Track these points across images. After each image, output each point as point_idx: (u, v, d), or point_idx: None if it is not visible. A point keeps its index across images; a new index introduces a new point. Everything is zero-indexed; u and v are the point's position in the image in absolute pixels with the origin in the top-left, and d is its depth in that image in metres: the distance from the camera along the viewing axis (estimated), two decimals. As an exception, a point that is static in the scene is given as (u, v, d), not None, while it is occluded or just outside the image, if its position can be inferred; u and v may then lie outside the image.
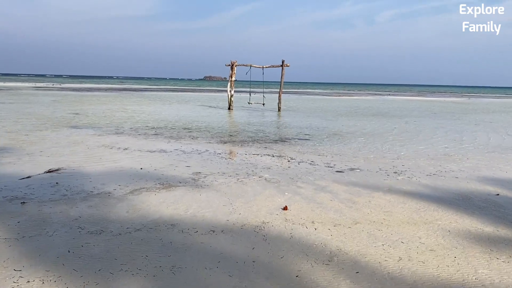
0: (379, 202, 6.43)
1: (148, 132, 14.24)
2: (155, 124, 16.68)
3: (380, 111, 28.13)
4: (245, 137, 13.80)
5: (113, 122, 17.14)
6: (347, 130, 16.32)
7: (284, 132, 15.43)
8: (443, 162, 10.02)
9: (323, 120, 20.39)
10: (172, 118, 19.61)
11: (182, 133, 14.38)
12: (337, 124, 18.60)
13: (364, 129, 16.84)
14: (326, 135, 14.81)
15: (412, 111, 28.81)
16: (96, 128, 14.87)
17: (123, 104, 28.62)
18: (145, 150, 10.61)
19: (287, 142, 12.85)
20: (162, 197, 6.39)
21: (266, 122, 19.05)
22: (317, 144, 12.61)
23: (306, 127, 17.27)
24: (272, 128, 16.71)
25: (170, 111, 23.53)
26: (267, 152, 10.88)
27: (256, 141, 12.89)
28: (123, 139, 12.55)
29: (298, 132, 15.41)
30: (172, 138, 12.98)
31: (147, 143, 11.90)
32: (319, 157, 10.28)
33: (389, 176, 8.29)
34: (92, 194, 6.48)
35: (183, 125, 16.66)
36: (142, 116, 19.91)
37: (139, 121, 17.64)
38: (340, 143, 12.81)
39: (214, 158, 9.86)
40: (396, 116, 23.99)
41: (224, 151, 11.02)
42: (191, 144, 11.88)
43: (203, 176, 7.92)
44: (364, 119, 21.86)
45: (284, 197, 6.55)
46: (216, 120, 19.58)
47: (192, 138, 13.11)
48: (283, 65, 25.80)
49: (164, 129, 15.34)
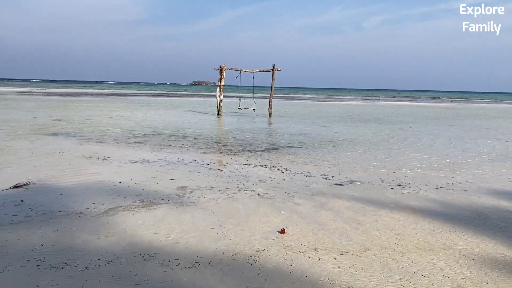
0: (387, 221, 5.70)
1: (132, 140, 13.38)
2: (140, 131, 15.82)
3: (373, 117, 27.58)
4: (235, 145, 13.03)
5: (96, 129, 16.24)
6: (341, 137, 15.65)
7: (276, 140, 14.69)
8: (448, 172, 9.36)
9: (316, 126, 19.71)
10: (159, 124, 18.76)
11: (168, 141, 13.55)
12: (330, 131, 17.93)
13: (359, 136, 16.18)
14: (320, 142, 14.11)
15: (405, 117, 28.32)
16: (77, 136, 13.97)
17: (109, 110, 27.66)
18: (127, 161, 9.77)
19: (280, 151, 12.10)
20: (141, 218, 5.58)
21: (257, 129, 18.30)
22: (311, 152, 11.89)
23: (299, 133, 16.56)
24: (263, 135, 15.97)
25: (157, 117, 22.66)
26: (259, 162, 10.11)
27: (246, 150, 12.13)
28: (105, 148, 11.68)
29: (291, 140, 14.68)
30: (157, 147, 12.15)
31: (130, 152, 11.06)
32: (315, 168, 9.55)
33: (393, 190, 7.58)
34: (60, 215, 5.64)
35: (169, 132, 15.83)
36: (127, 123, 19.02)
37: (124, 128, 16.76)
38: (335, 152, 12.11)
39: (201, 169, 9.06)
40: (390, 122, 23.43)
41: (213, 161, 10.23)
42: (177, 153, 11.06)
43: (189, 191, 7.13)
44: (358, 125, 21.24)
45: (281, 217, 5.79)
46: (204, 126, 18.78)
47: (178, 147, 12.30)
48: (274, 69, 25.12)
49: (149, 136, 14.50)
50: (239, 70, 25.49)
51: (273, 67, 25.11)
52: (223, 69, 25.22)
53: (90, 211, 5.84)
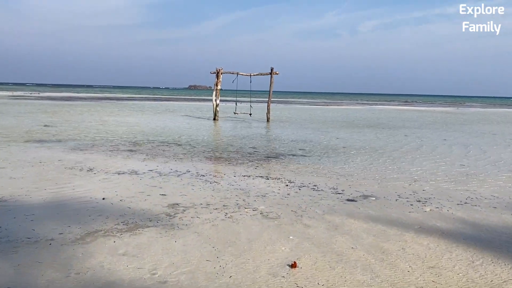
0: (416, 249, 4.81)
1: (122, 148, 12.45)
2: (132, 138, 14.89)
3: (374, 122, 26.78)
4: (233, 153, 12.13)
5: (85, 135, 15.29)
6: (345, 144, 14.78)
7: (276, 147, 13.80)
8: (468, 185, 8.50)
9: (317, 132, 18.84)
10: (152, 130, 17.84)
11: (161, 148, 12.63)
12: (332, 137, 17.07)
13: (364, 143, 15.32)
14: (323, 150, 13.23)
15: (408, 122, 27.53)
16: (63, 144, 13.02)
17: (101, 114, 26.70)
18: (114, 172, 8.83)
19: (281, 159, 11.21)
20: (123, 247, 4.67)
21: (255, 135, 17.41)
22: (315, 161, 11.00)
23: (300, 140, 15.68)
24: (262, 142, 15.08)
25: (151, 123, 21.73)
26: (260, 173, 9.21)
27: (245, 158, 11.23)
28: (91, 157, 10.75)
29: (292, 147, 13.80)
30: (149, 155, 11.22)
31: (118, 162, 10.13)
32: (321, 180, 8.66)
33: (413, 207, 6.70)
34: (27, 243, 4.72)
35: (163, 139, 14.91)
36: (119, 129, 18.08)
37: (115, 135, 15.82)
38: (341, 161, 11.23)
39: (196, 182, 8.14)
40: (393, 128, 22.61)
41: (209, 171, 9.31)
42: (170, 163, 10.15)
43: (182, 209, 6.21)
44: (360, 130, 20.39)
45: (289, 244, 4.89)
46: (200, 132, 17.86)
47: (171, 155, 11.38)
48: (272, 72, 24.28)
49: (141, 143, 13.57)
50: (236, 74, 24.64)
51: (272, 71, 24.28)
52: (220, 73, 24.35)
53: (64, 237, 4.92)
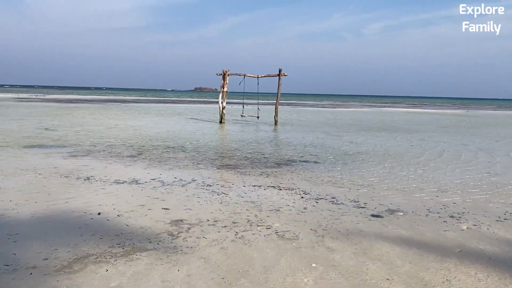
0: (464, 282, 4.04)
1: (125, 153, 11.76)
2: (134, 142, 14.21)
3: (387, 125, 25.94)
4: (241, 159, 11.39)
5: (86, 140, 14.64)
6: (359, 149, 13.99)
7: (286, 152, 13.05)
8: (503, 197, 7.70)
9: (328, 136, 18.07)
10: (157, 134, 17.16)
11: (165, 154, 11.93)
12: (345, 141, 16.29)
13: (379, 148, 14.53)
14: (337, 155, 12.47)
15: (421, 125, 26.66)
16: (62, 148, 12.36)
17: (105, 117, 26.09)
18: (113, 181, 8.12)
19: (294, 166, 10.46)
20: (117, 277, 3.94)
21: (263, 139, 16.67)
22: (330, 168, 10.24)
23: (310, 144, 14.92)
24: (271, 147, 14.33)
25: (155, 126, 21.06)
26: (271, 182, 8.47)
27: (254, 165, 10.50)
28: (90, 163, 10.06)
29: (303, 152, 13.04)
30: (152, 162, 10.52)
31: (119, 169, 9.43)
32: (340, 191, 7.90)
33: (447, 224, 5.92)
34: (5, 272, 4.00)
35: (167, 144, 14.21)
36: (122, 132, 17.42)
37: (117, 138, 15.15)
38: (358, 168, 10.46)
39: (202, 193, 7.41)
40: (408, 131, 21.76)
41: (216, 180, 8.58)
42: (174, 171, 9.43)
43: (186, 227, 5.48)
44: (373, 134, 19.58)
45: (313, 274, 4.14)
46: (206, 136, 17.15)
47: (176, 161, 10.66)
48: (280, 74, 23.54)
49: (144, 148, 12.88)
50: (243, 75, 23.93)
51: (280, 72, 23.54)
52: (226, 74, 23.65)
53: (48, 265, 4.20)
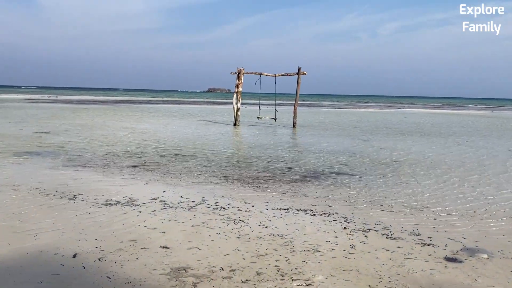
0: None
1: (125, 163, 10.21)
2: (140, 149, 12.66)
3: (415, 128, 24.00)
4: (260, 170, 9.73)
5: (85, 145, 13.15)
6: (395, 157, 12.20)
7: (311, 161, 11.34)
8: None
9: (355, 141, 16.29)
10: (165, 138, 15.61)
11: (172, 163, 10.34)
12: (376, 147, 14.50)
13: (416, 155, 12.72)
14: (372, 165, 10.72)
15: (452, 128, 24.63)
16: (56, 156, 10.87)
17: (113, 119, 24.70)
18: (103, 202, 6.53)
19: (323, 180, 8.76)
20: None
21: (283, 144, 14.99)
22: (369, 183, 8.51)
23: (338, 151, 13.18)
24: (293, 154, 12.63)
25: (165, 129, 19.54)
26: (301, 204, 6.78)
27: (277, 178, 8.83)
28: (83, 175, 8.51)
29: (331, 161, 11.33)
30: (156, 174, 8.92)
31: (114, 184, 7.84)
32: (390, 216, 6.17)
33: (562, 277, 4.16)
34: None
35: (176, 150, 12.63)
36: (128, 136, 15.92)
37: (121, 144, 13.63)
38: (402, 182, 8.70)
39: (214, 220, 5.76)
40: (440, 135, 19.82)
41: (231, 201, 6.91)
42: (181, 186, 7.81)
43: (191, 282, 3.83)
44: (403, 139, 17.73)
45: None
46: (219, 141, 15.53)
47: (184, 174, 9.05)
48: (299, 73, 21.80)
49: (149, 156, 11.32)
50: (259, 74, 22.27)
51: (299, 71, 21.82)
52: (241, 73, 22.01)
53: None
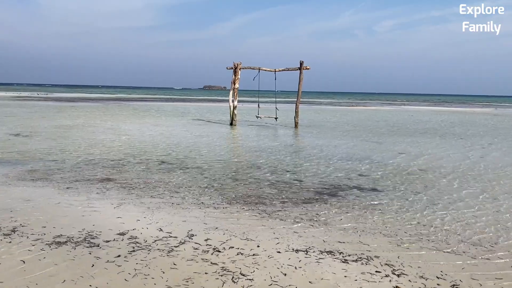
0: None
1: (98, 175, 8.36)
2: (120, 155, 10.82)
3: (425, 127, 22.23)
4: (263, 185, 7.91)
5: (59, 150, 11.30)
6: (419, 165, 10.43)
7: (323, 170, 9.54)
8: None
9: (366, 143, 14.50)
10: (153, 141, 13.76)
11: (154, 175, 8.50)
12: (392, 151, 12.72)
13: (441, 161, 10.96)
14: (396, 176, 8.94)
15: (463, 127, 22.90)
16: (17, 165, 9.03)
17: (98, 119, 22.80)
18: (50, 239, 4.69)
19: (344, 198, 6.96)
20: None
21: (287, 148, 13.18)
22: (403, 204, 6.71)
23: (351, 157, 11.40)
24: (300, 160, 10.84)
25: (154, 130, 17.67)
26: (324, 242, 4.97)
27: (285, 197, 7.02)
28: (37, 195, 6.65)
29: (347, 170, 9.54)
30: (132, 191, 7.08)
31: (75, 207, 5.99)
32: (451, 261, 4.38)
33: None
34: None
35: (162, 157, 10.80)
36: (111, 139, 14.06)
37: (100, 149, 11.79)
38: (442, 201, 6.91)
39: (202, 278, 3.94)
40: (456, 135, 18.05)
41: (227, 238, 5.08)
42: (161, 210, 5.98)
43: None
44: (418, 140, 15.96)
45: None
46: (213, 145, 13.69)
47: (168, 191, 7.21)
48: (302, 67, 19.96)
49: (130, 165, 9.48)
50: (258, 69, 20.42)
51: (301, 65, 19.96)
52: (238, 68, 20.15)
53: None
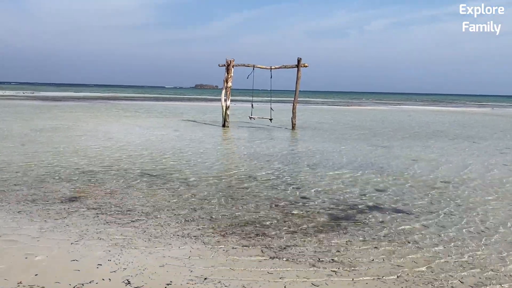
0: None
1: (62, 192, 6.87)
2: (95, 165, 9.33)
3: (430, 129, 20.95)
4: (263, 207, 6.49)
5: (20, 159, 9.77)
6: (440, 175, 9.07)
7: (332, 184, 8.14)
8: None
9: (372, 148, 13.14)
10: (136, 147, 12.27)
11: (132, 191, 7.03)
12: (403, 157, 11.37)
13: (463, 170, 9.63)
14: (419, 191, 7.57)
15: (469, 128, 21.65)
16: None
17: (81, 120, 21.19)
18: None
19: (366, 224, 5.56)
20: None
21: (286, 155, 11.77)
22: (436, 231, 5.33)
23: (361, 166, 10.02)
24: (303, 171, 9.43)
25: (141, 132, 16.15)
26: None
27: (292, 223, 5.61)
28: (-24, 224, 5.16)
29: (360, 183, 8.15)
30: (99, 217, 5.61)
31: (21, 242, 4.52)
32: None
33: None
34: None
35: (145, 165, 9.32)
36: (88, 145, 12.53)
37: (72, 157, 10.28)
38: (480, 225, 5.54)
39: None
40: (468, 138, 16.76)
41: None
42: (132, 250, 4.52)
43: None
44: (427, 143, 14.64)
45: None
46: (203, 150, 12.22)
47: (144, 216, 5.74)
48: (300, 65, 18.56)
49: (105, 178, 7.99)
50: (252, 67, 18.97)
51: (299, 62, 18.56)
52: (231, 65, 18.69)
53: None
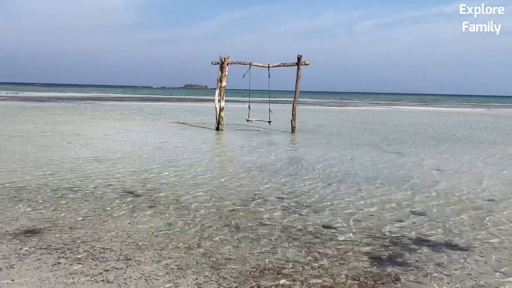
0: None
1: (18, 223, 5.33)
2: (70, 179, 7.77)
3: (436, 132, 19.68)
4: (279, 245, 5.02)
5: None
6: (472, 190, 7.71)
7: (358, 207, 6.71)
8: None
9: (384, 155, 11.75)
10: (118, 156, 10.72)
11: (108, 220, 5.51)
12: (424, 166, 10.01)
13: (497, 185, 8.28)
14: (459, 214, 6.18)
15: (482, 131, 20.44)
16: None
17: (61, 123, 19.50)
18: None
19: (419, 270, 4.14)
20: None
21: (291, 165, 10.32)
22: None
23: (383, 180, 8.60)
24: (317, 189, 7.98)
25: (126, 138, 14.57)
26: None
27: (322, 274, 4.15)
28: None
29: (389, 205, 6.73)
30: (58, 265, 4.08)
31: None
32: None
33: None
34: None
35: (128, 182, 7.79)
36: (63, 154, 10.95)
37: (45, 168, 8.70)
38: None
39: None
40: (483, 142, 15.48)
41: None
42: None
43: None
44: (440, 148, 13.32)
45: None
46: (197, 162, 10.69)
47: (121, 262, 4.22)
48: (300, 63, 17.12)
49: (77, 199, 6.45)
50: (249, 65, 17.48)
51: (299, 60, 17.12)
52: (225, 63, 17.19)
53: None
